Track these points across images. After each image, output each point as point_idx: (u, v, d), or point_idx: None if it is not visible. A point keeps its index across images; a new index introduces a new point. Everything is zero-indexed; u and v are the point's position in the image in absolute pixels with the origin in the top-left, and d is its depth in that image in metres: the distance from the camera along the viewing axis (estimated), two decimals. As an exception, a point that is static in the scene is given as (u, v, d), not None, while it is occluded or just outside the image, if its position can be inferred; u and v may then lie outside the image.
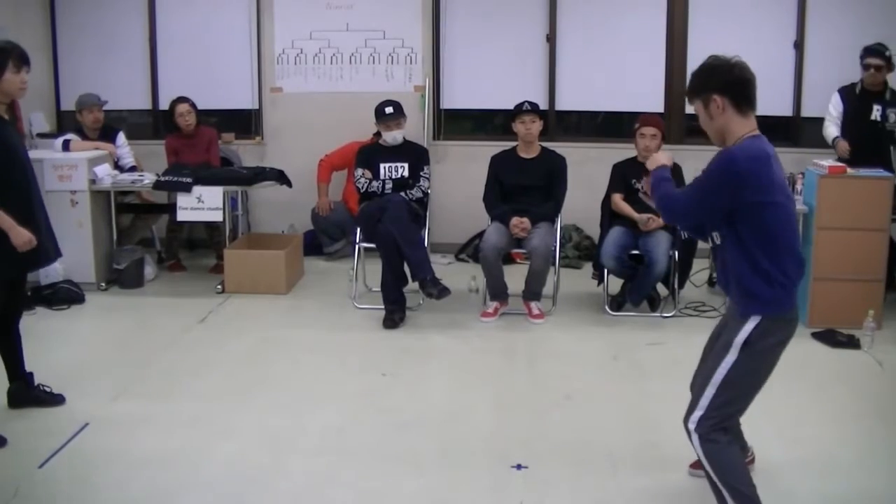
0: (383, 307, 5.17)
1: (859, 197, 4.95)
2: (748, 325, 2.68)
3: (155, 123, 7.20)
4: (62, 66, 7.16)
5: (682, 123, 6.71)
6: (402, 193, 5.37)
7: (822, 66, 6.39)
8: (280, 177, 6.05)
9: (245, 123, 7.11)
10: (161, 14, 7.05)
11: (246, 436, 3.64)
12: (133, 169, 6.19)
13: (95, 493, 3.16)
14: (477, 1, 6.89)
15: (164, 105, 6.60)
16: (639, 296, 5.31)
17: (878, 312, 4.89)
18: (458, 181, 6.64)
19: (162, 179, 5.80)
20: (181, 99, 6.27)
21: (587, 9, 6.79)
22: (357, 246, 5.49)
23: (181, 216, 5.77)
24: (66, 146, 5.86)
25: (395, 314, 5.13)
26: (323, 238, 6.81)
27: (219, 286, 5.80)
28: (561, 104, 6.94)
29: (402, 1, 6.87)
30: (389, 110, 5.47)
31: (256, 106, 7.09)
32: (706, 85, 2.72)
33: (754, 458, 3.27)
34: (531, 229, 5.21)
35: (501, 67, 6.90)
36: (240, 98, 7.08)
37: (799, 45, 6.60)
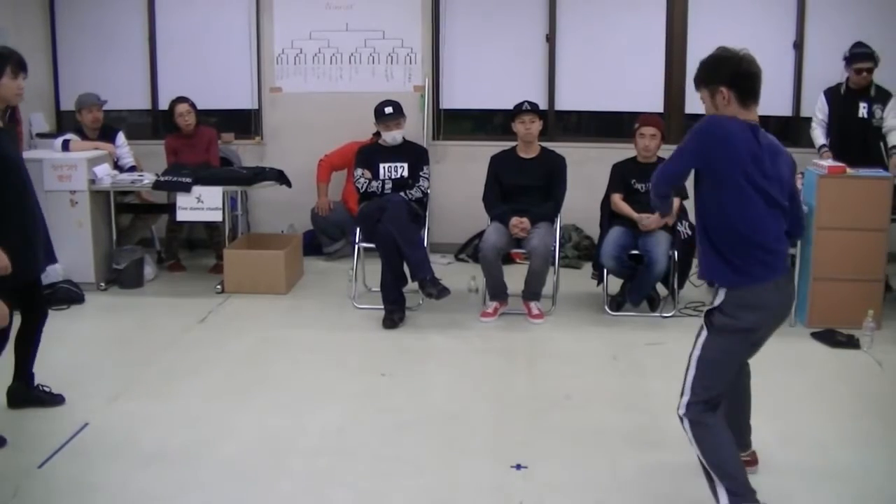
0: (383, 307, 5.17)
1: (859, 197, 4.95)
2: (715, 301, 2.81)
3: (154, 123, 7.20)
4: (62, 66, 7.15)
5: (682, 123, 6.69)
6: (402, 193, 5.37)
7: (822, 67, 6.36)
8: (279, 177, 6.05)
9: (244, 123, 7.11)
10: (161, 14, 7.05)
11: (246, 436, 3.64)
12: (133, 169, 6.19)
13: (95, 494, 3.16)
14: (476, 1, 6.88)
15: (164, 105, 6.60)
16: (638, 296, 5.32)
17: (878, 312, 4.89)
18: (458, 181, 6.63)
19: (161, 179, 5.80)
20: (181, 99, 6.27)
21: (587, 8, 6.79)
22: (357, 246, 5.49)
23: (181, 216, 5.78)
24: (66, 146, 5.86)
25: (395, 314, 5.13)
26: (322, 238, 6.81)
27: (218, 286, 5.80)
28: (560, 104, 6.94)
29: (402, 1, 6.87)
30: (389, 110, 5.47)
31: (256, 106, 7.09)
32: (715, 76, 2.81)
33: (757, 460, 3.27)
34: (531, 229, 5.21)
35: (501, 67, 6.90)
36: (239, 98, 7.08)
37: (798, 46, 6.60)
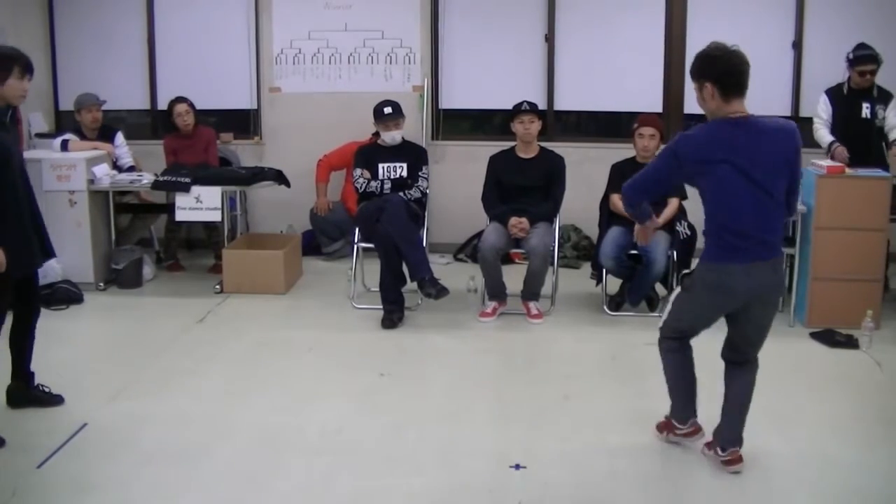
0: (382, 307, 5.16)
1: (858, 197, 4.95)
2: (693, 265, 3.19)
3: (153, 123, 7.19)
4: (61, 66, 7.15)
5: (681, 123, 6.70)
6: (401, 193, 5.36)
7: (821, 66, 6.37)
8: (278, 177, 6.05)
9: (243, 123, 7.11)
10: (159, 14, 7.05)
11: (245, 436, 3.64)
12: (131, 169, 6.18)
13: (94, 494, 3.15)
14: (475, 1, 6.89)
15: (163, 105, 6.59)
16: (637, 296, 5.32)
17: (877, 312, 4.90)
18: (457, 181, 6.63)
19: (160, 179, 5.80)
20: (180, 99, 6.27)
21: (586, 9, 6.80)
22: (356, 246, 5.48)
23: (180, 216, 5.77)
24: (65, 146, 5.85)
25: (394, 314, 5.13)
26: (321, 238, 6.80)
27: (217, 286, 5.79)
28: (560, 104, 6.94)
29: (401, 1, 6.87)
30: (388, 110, 5.47)
31: (255, 106, 7.09)
32: (701, 73, 3.03)
33: (700, 431, 3.46)
34: (530, 229, 5.21)
35: (500, 67, 6.90)
36: (238, 98, 7.08)
37: (797, 45, 6.61)
